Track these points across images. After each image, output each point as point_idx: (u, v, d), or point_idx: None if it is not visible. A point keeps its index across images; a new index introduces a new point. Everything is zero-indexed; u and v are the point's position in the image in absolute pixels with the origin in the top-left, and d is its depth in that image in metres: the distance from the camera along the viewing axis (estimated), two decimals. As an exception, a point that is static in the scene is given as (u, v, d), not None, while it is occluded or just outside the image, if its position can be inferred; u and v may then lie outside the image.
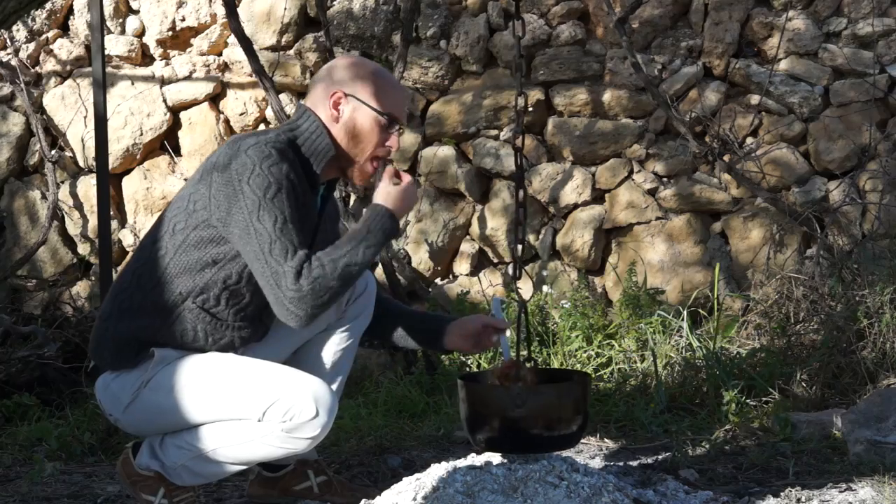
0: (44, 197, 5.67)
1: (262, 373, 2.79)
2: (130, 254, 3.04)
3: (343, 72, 2.92)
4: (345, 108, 2.89)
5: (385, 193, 2.88)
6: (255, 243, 2.71)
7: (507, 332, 3.09)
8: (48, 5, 5.63)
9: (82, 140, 5.58)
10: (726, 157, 4.89)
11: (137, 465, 2.95)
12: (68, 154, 5.68)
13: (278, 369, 2.80)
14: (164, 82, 5.58)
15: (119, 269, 3.02)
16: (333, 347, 3.11)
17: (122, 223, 5.58)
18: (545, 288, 4.99)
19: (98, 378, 2.95)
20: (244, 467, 2.94)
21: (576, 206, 5.12)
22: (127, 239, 5.51)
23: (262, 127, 5.45)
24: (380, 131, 2.90)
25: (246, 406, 2.79)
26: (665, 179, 5.04)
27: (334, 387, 3.07)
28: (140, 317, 2.86)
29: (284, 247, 2.69)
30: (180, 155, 5.54)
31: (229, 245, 2.80)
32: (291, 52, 5.40)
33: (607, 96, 5.07)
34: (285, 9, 5.36)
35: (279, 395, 2.76)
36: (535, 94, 5.11)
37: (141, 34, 5.62)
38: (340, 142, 2.90)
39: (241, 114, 5.46)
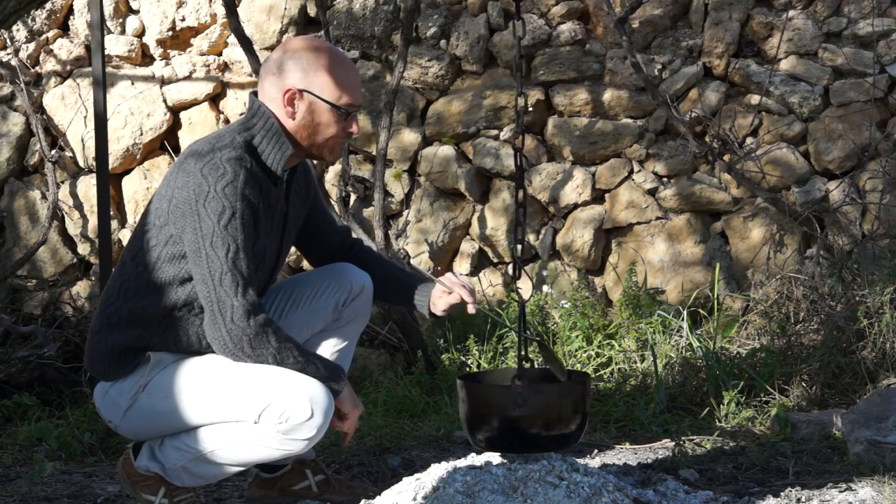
0: (44, 197, 5.67)
1: (258, 375, 2.79)
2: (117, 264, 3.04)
3: (294, 64, 2.83)
4: (300, 104, 2.83)
5: (354, 399, 2.89)
6: (206, 268, 2.72)
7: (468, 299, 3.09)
8: (48, 5, 5.62)
9: (82, 140, 5.59)
10: (726, 157, 4.89)
11: (137, 466, 2.95)
12: (68, 154, 5.68)
13: (274, 371, 2.79)
14: (164, 82, 5.58)
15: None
16: (330, 349, 3.11)
17: (122, 223, 5.58)
18: (545, 288, 4.99)
19: (96, 386, 2.95)
20: (243, 468, 2.94)
21: (576, 205, 5.12)
22: (127, 239, 5.51)
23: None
24: (338, 122, 2.86)
25: (241, 408, 2.79)
26: (665, 179, 5.04)
27: None
28: (131, 328, 2.86)
29: (235, 279, 2.72)
30: (180, 155, 5.54)
31: None
32: (291, 51, 5.39)
33: (607, 96, 5.07)
34: (285, 8, 5.36)
35: (274, 397, 2.75)
36: (535, 94, 5.11)
37: (141, 34, 5.62)
38: (299, 138, 2.87)
39: (242, 114, 5.46)
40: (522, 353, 2.99)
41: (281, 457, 2.85)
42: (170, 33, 5.57)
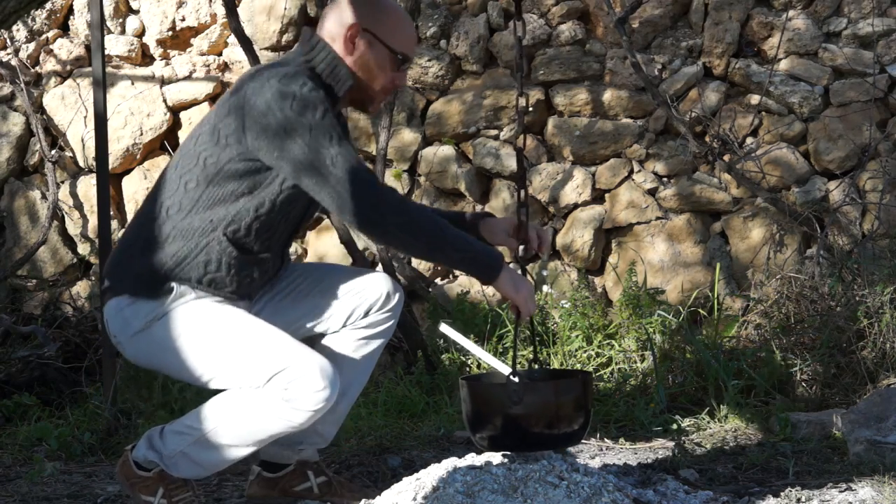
0: (44, 197, 5.67)
1: (276, 340, 2.79)
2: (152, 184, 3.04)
3: (361, 5, 2.91)
4: (360, 42, 2.89)
5: (515, 280, 2.87)
6: (317, 162, 2.71)
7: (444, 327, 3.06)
8: (48, 5, 5.63)
9: (82, 140, 5.59)
10: (726, 157, 4.89)
11: (134, 457, 2.94)
12: (68, 154, 5.68)
13: (291, 341, 2.79)
14: (164, 82, 5.59)
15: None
16: (352, 351, 3.07)
17: (122, 223, 5.58)
18: (545, 288, 4.99)
19: (110, 300, 2.90)
20: (244, 452, 2.89)
21: (576, 205, 5.12)
22: (127, 239, 5.51)
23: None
24: (392, 68, 2.92)
25: (253, 369, 2.78)
26: (665, 179, 5.04)
27: (352, 393, 3.08)
28: (167, 246, 2.84)
29: (348, 160, 2.72)
30: (180, 155, 5.54)
31: (266, 174, 2.80)
32: (291, 51, 5.40)
33: (607, 96, 5.08)
34: (286, 8, 5.36)
35: (288, 363, 2.75)
36: (535, 94, 5.11)
37: (141, 34, 5.63)
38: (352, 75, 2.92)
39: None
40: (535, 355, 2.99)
41: (283, 429, 2.81)
42: (170, 33, 5.57)
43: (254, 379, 2.79)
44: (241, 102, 2.78)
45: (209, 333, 2.82)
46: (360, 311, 3.04)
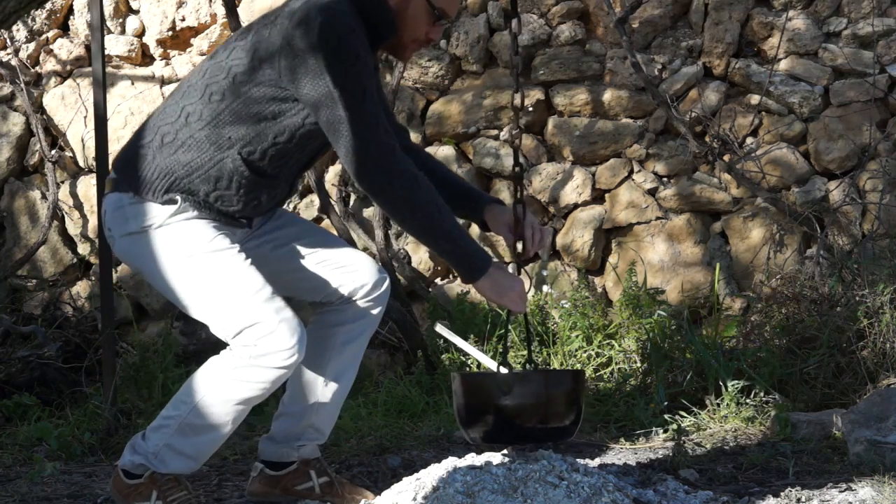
0: (44, 197, 5.67)
1: (257, 292, 2.79)
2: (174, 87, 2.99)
3: None
4: None
5: (499, 284, 2.87)
6: (339, 115, 2.71)
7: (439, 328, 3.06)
8: (48, 5, 5.63)
9: (82, 140, 5.59)
10: (726, 157, 4.90)
11: (122, 465, 2.93)
12: (68, 154, 5.68)
13: (270, 296, 2.80)
14: (164, 82, 5.59)
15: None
16: (339, 340, 3.06)
17: (122, 223, 5.58)
18: (545, 288, 4.99)
19: (113, 193, 2.89)
20: (225, 431, 2.88)
21: (576, 205, 5.12)
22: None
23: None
24: (428, 22, 2.90)
25: (228, 315, 2.79)
26: (665, 179, 5.04)
27: (344, 383, 3.07)
28: (181, 153, 2.82)
29: (374, 116, 2.73)
30: (180, 155, 5.54)
31: (292, 104, 2.79)
32: (291, 52, 5.40)
33: (607, 96, 5.08)
34: (285, 9, 5.36)
35: (262, 318, 2.77)
36: (536, 94, 5.11)
37: (141, 34, 5.63)
38: None
39: None
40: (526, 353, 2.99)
41: (254, 393, 2.82)
42: (170, 33, 5.57)
43: (226, 324, 2.80)
44: (283, 30, 2.76)
45: (199, 263, 2.81)
46: (343, 290, 3.03)
